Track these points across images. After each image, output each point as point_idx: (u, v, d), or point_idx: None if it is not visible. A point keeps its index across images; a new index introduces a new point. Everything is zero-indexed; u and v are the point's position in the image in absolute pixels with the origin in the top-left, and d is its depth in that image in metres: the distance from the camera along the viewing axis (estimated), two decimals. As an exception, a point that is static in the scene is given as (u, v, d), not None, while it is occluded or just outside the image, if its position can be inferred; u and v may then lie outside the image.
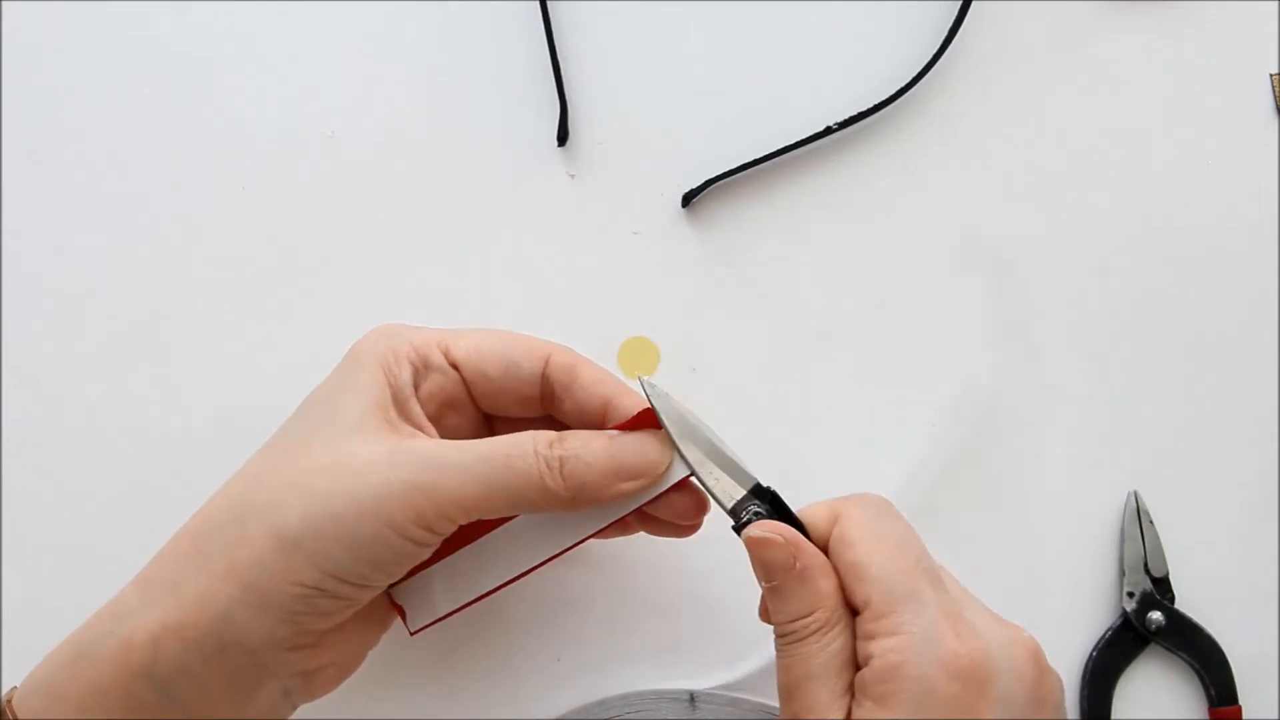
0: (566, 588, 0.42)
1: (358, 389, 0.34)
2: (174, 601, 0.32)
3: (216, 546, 0.32)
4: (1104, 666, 0.42)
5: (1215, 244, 0.45)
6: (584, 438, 0.34)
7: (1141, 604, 0.42)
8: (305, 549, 0.32)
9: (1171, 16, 0.46)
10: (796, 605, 0.33)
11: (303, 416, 0.35)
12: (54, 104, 0.44)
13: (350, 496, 0.32)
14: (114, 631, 0.32)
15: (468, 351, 0.36)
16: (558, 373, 0.36)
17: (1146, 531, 0.42)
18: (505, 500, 0.33)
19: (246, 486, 0.33)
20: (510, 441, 0.33)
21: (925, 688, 0.30)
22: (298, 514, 0.32)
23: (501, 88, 0.45)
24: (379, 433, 0.33)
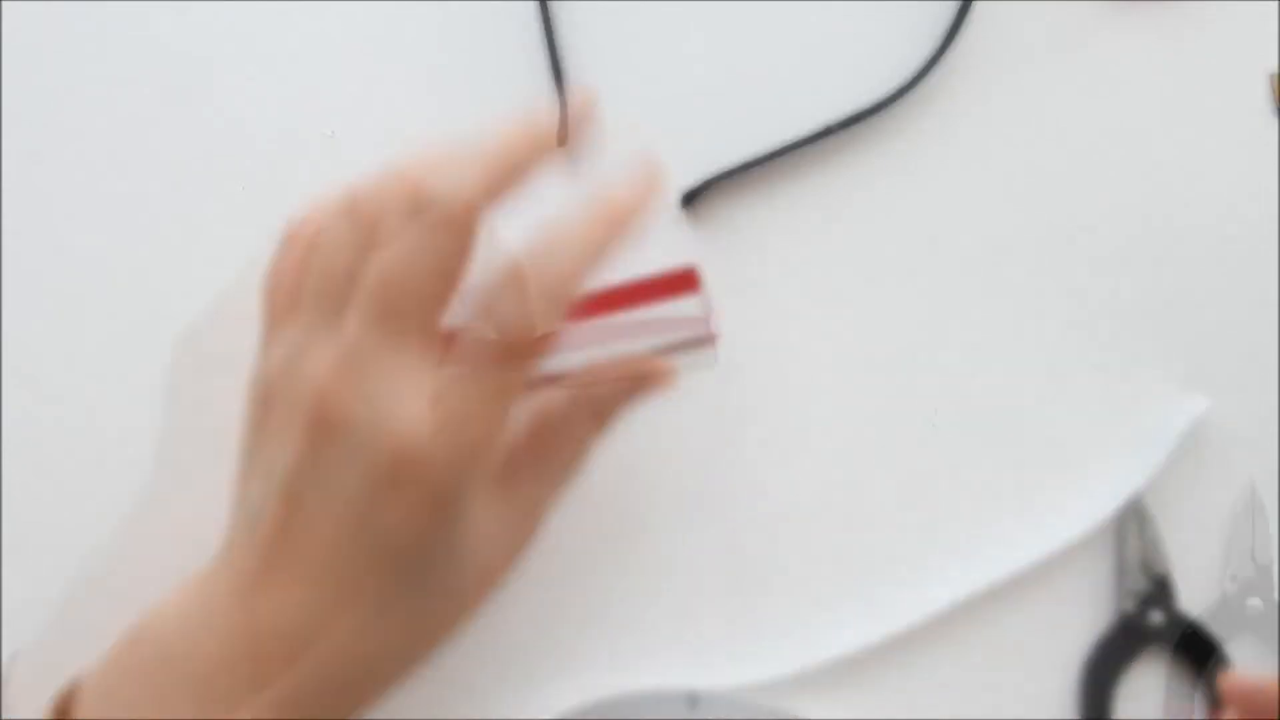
0: (566, 587, 0.42)
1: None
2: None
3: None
4: (1102, 667, 0.42)
5: (1215, 244, 0.45)
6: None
7: (1141, 604, 0.42)
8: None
9: (1171, 16, 0.46)
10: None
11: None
12: (54, 104, 0.44)
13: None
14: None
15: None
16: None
17: (1146, 530, 0.42)
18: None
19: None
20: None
21: None
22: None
23: (501, 88, 0.45)
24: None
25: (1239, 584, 0.42)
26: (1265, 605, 0.42)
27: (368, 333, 0.30)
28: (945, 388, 0.44)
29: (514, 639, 0.42)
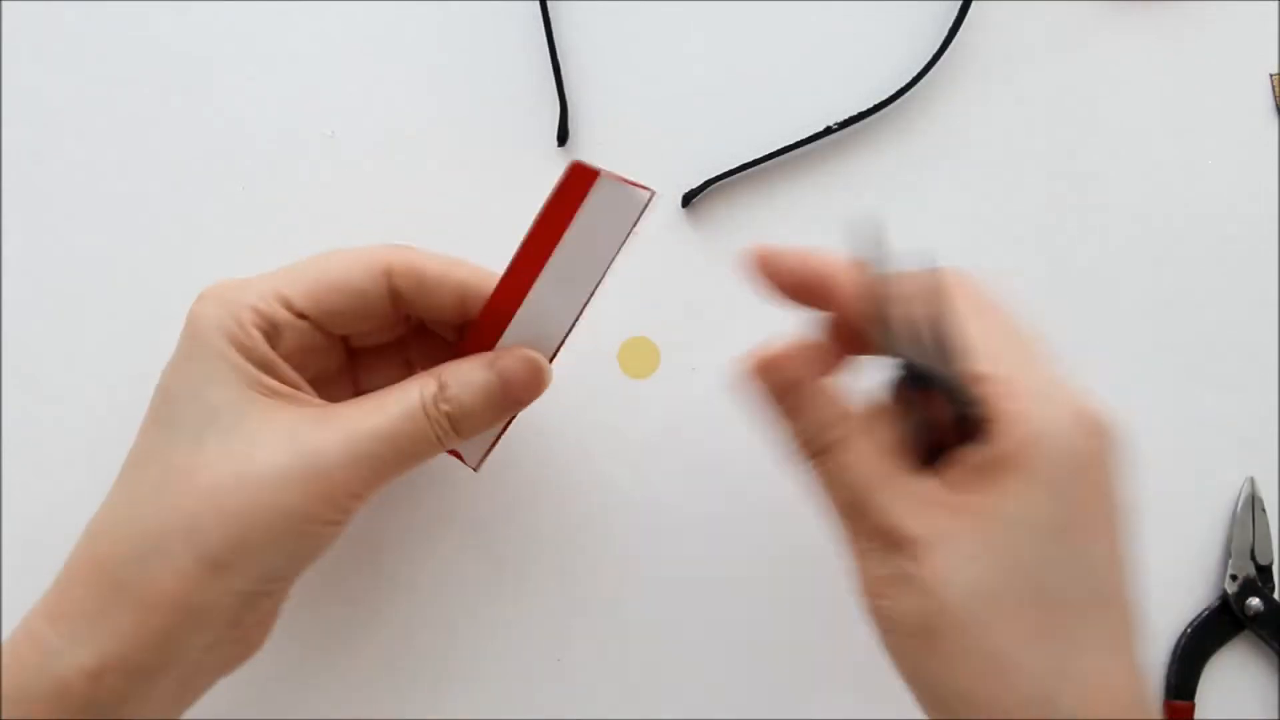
0: (566, 587, 0.42)
1: (220, 376, 0.33)
2: (108, 635, 0.31)
3: (138, 576, 0.32)
4: (1196, 645, 0.42)
5: (1215, 243, 0.45)
6: (463, 378, 0.34)
7: (1242, 589, 0.42)
8: (234, 567, 0.32)
9: (1171, 16, 0.46)
10: (815, 415, 0.32)
11: (172, 416, 0.33)
12: (54, 104, 0.44)
13: (266, 509, 0.32)
14: (45, 672, 0.31)
15: (309, 297, 0.34)
16: (404, 282, 0.35)
17: (1258, 519, 0.43)
18: (414, 462, 0.34)
19: (148, 508, 0.32)
20: (402, 410, 0.33)
21: (1060, 448, 0.29)
22: (219, 537, 0.31)
23: (501, 88, 0.45)
24: (263, 422, 0.33)
25: (1239, 584, 0.42)
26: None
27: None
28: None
29: (514, 639, 0.42)
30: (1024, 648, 0.28)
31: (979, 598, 0.28)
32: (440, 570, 0.42)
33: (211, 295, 0.35)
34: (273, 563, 0.33)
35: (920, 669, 0.30)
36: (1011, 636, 0.28)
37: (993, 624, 0.28)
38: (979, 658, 0.28)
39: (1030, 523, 0.29)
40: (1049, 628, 0.29)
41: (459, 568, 0.42)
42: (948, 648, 0.29)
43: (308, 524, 0.32)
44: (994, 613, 0.28)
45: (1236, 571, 0.43)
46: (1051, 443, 0.29)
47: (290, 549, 0.33)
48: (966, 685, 0.29)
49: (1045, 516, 0.29)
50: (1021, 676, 0.28)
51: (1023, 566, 0.29)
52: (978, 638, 0.28)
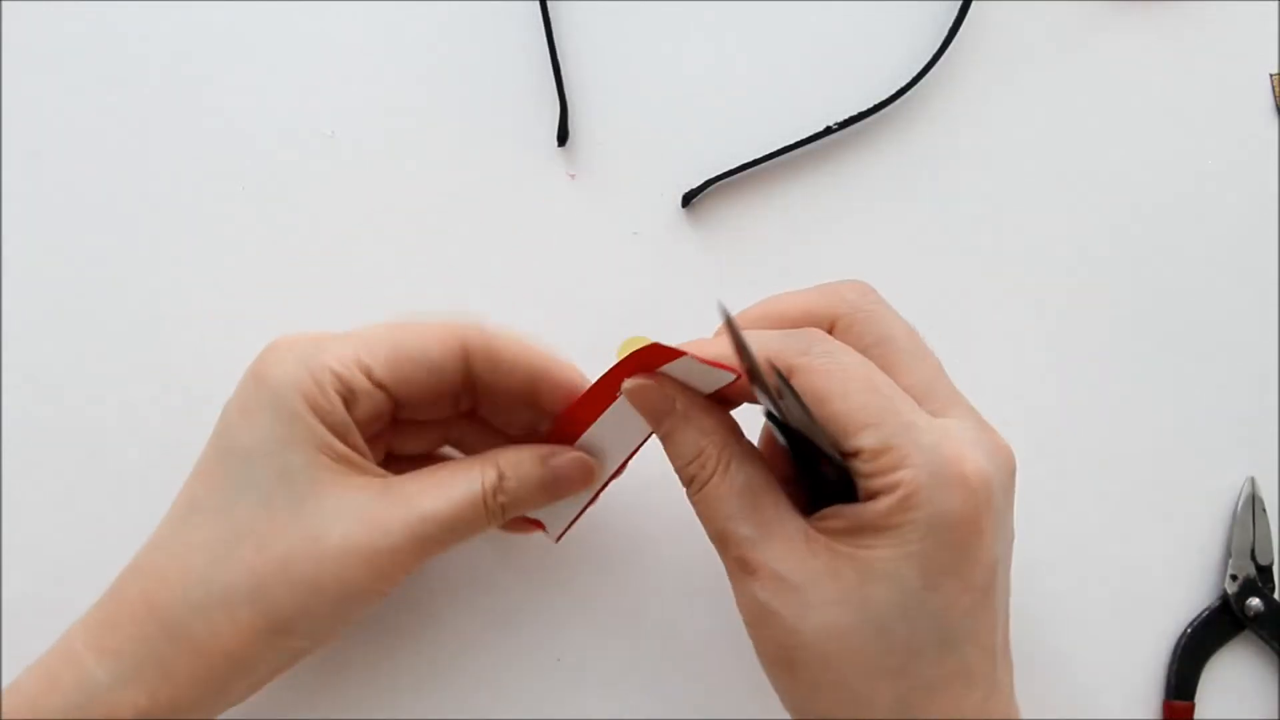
0: (567, 588, 0.42)
1: (296, 440, 0.33)
2: (160, 679, 0.32)
3: (199, 627, 0.33)
4: (1196, 645, 0.42)
5: (1215, 243, 0.45)
6: (519, 470, 0.35)
7: (1243, 589, 0.42)
8: (295, 630, 0.33)
9: (1171, 16, 0.46)
10: (686, 447, 0.33)
11: (242, 473, 0.34)
12: (54, 104, 0.44)
13: (331, 580, 0.33)
14: (86, 706, 0.32)
15: (388, 367, 0.35)
16: (480, 362, 0.36)
17: (1258, 519, 0.43)
18: (456, 543, 0.35)
19: (213, 563, 0.33)
20: (466, 497, 0.34)
21: (936, 514, 0.30)
22: (285, 604, 0.33)
23: (501, 88, 0.45)
24: (335, 494, 0.33)
25: (1240, 584, 0.42)
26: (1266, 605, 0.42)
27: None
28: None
29: (514, 639, 0.42)
30: (874, 685, 0.31)
31: (834, 638, 0.31)
32: (440, 570, 0.42)
33: (287, 349, 0.35)
34: (330, 626, 0.34)
35: (787, 693, 0.33)
36: (862, 674, 0.31)
37: (846, 662, 0.31)
38: (835, 689, 0.31)
39: (890, 581, 0.31)
40: (896, 668, 0.31)
41: (459, 568, 0.42)
42: (808, 678, 0.31)
43: (365, 594, 0.34)
44: (848, 653, 0.31)
45: (1237, 571, 0.43)
46: (921, 513, 0.30)
47: (348, 615, 0.34)
48: (826, 711, 0.32)
49: (905, 577, 0.31)
50: (873, 708, 0.31)
51: (876, 616, 0.31)
52: (833, 672, 0.31)
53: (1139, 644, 0.43)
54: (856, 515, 0.31)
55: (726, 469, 0.33)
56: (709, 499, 0.33)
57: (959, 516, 0.31)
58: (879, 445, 0.31)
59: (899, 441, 0.31)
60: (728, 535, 0.32)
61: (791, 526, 0.32)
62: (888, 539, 0.31)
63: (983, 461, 0.31)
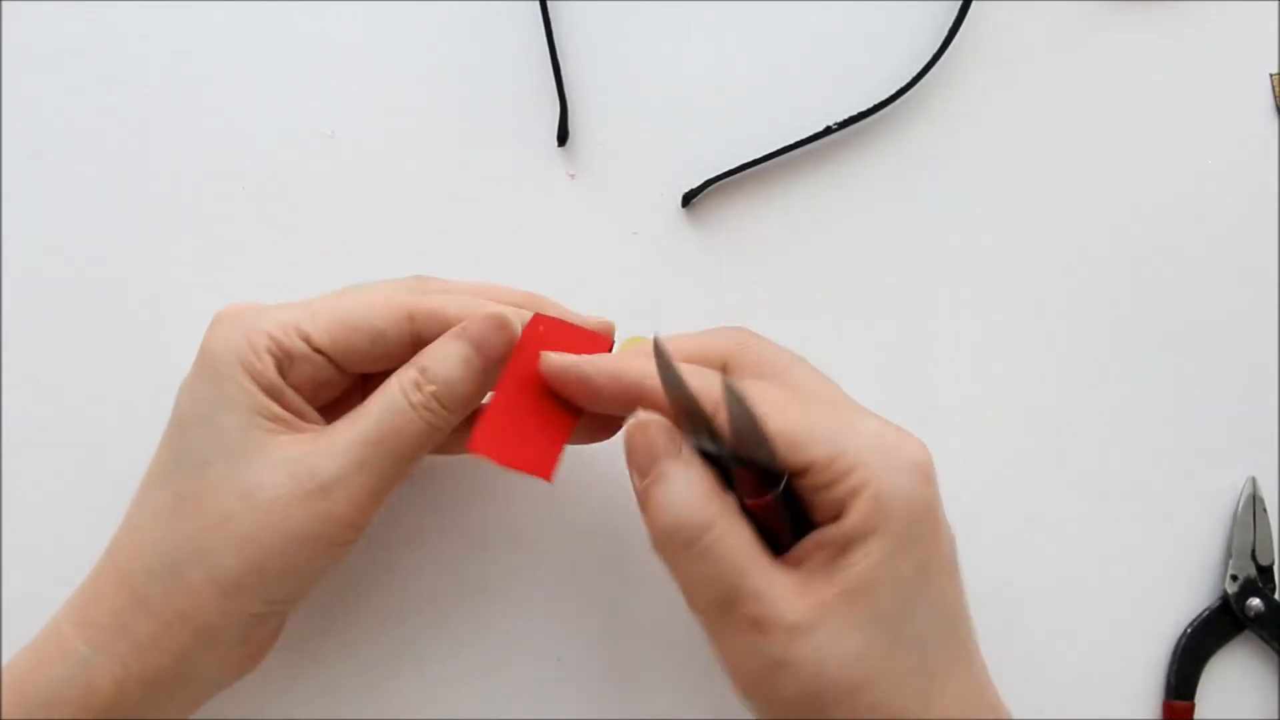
0: (567, 587, 0.42)
1: (228, 403, 0.33)
2: (129, 648, 0.33)
3: (156, 594, 0.33)
4: (1196, 645, 0.42)
5: (1215, 243, 0.45)
6: (437, 354, 0.34)
7: (1243, 589, 0.42)
8: (246, 590, 0.33)
9: (1171, 16, 0.46)
10: (685, 502, 0.32)
11: (184, 442, 0.34)
12: (54, 104, 0.44)
13: (274, 533, 0.33)
14: (70, 679, 0.33)
15: (328, 334, 0.34)
16: (426, 326, 0.35)
17: (1259, 519, 0.43)
18: (412, 459, 0.34)
19: (162, 530, 0.33)
20: (385, 407, 0.33)
21: (907, 503, 0.31)
22: (232, 560, 0.33)
23: (501, 88, 0.45)
24: (267, 449, 0.33)
25: (1240, 584, 0.42)
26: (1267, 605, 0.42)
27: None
28: (943, 380, 0.44)
29: (514, 639, 0.42)
30: (901, 690, 0.31)
31: (860, 664, 0.31)
32: (440, 570, 0.42)
33: (227, 318, 0.35)
34: (284, 584, 0.34)
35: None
36: (890, 685, 0.31)
37: (874, 680, 0.31)
38: (870, 710, 0.31)
39: (888, 581, 0.31)
40: (917, 666, 0.31)
41: (459, 568, 0.42)
42: (835, 712, 0.31)
43: (315, 544, 0.33)
44: (874, 671, 0.31)
45: (1237, 571, 0.43)
46: (893, 504, 0.31)
47: (300, 569, 0.34)
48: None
49: (900, 572, 0.31)
50: (905, 710, 0.31)
51: (890, 623, 0.31)
52: (863, 696, 0.30)
53: (1139, 644, 0.43)
54: (837, 532, 0.31)
55: (729, 522, 0.31)
56: (711, 555, 0.31)
57: (921, 499, 0.31)
58: (830, 454, 0.31)
59: (848, 445, 0.31)
60: (736, 594, 0.31)
61: (788, 577, 0.31)
62: (874, 544, 0.31)
63: (917, 443, 0.32)
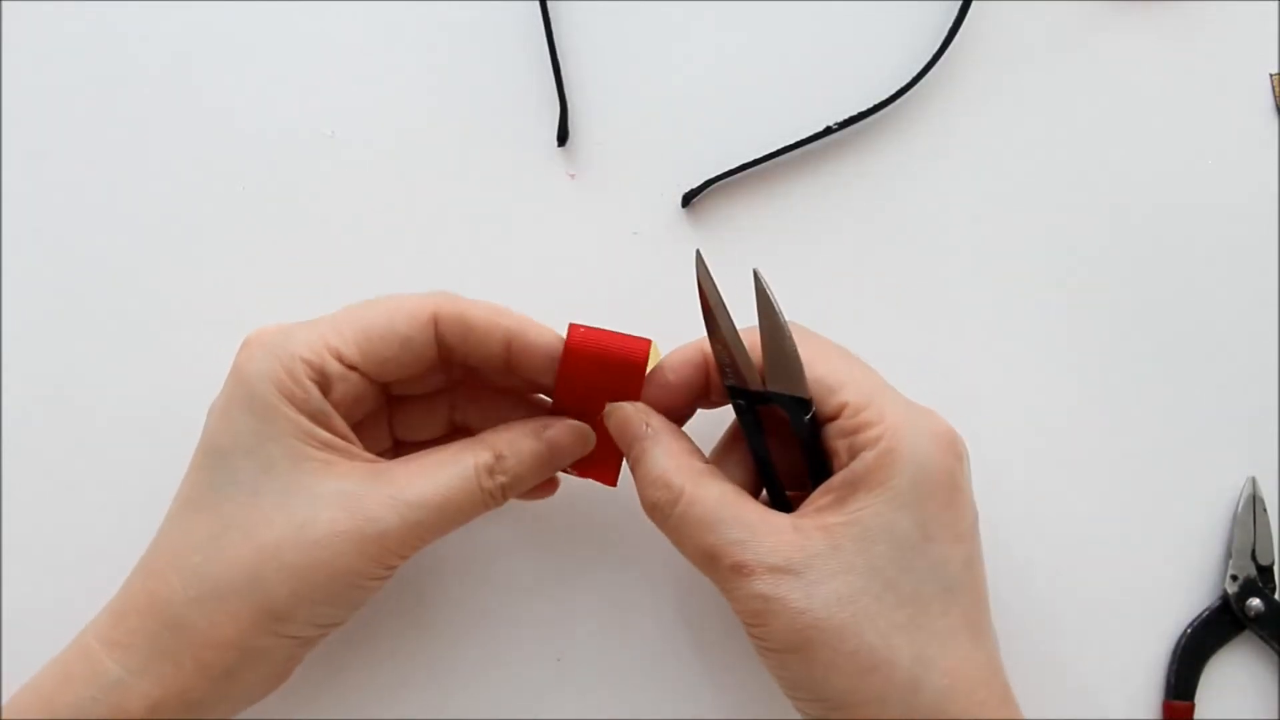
0: (567, 587, 0.42)
1: (274, 431, 0.33)
2: (169, 671, 0.33)
3: (199, 619, 0.33)
4: (1196, 644, 0.42)
5: (1215, 243, 0.45)
6: (516, 447, 0.36)
7: (1243, 589, 0.42)
8: (292, 618, 0.33)
9: (1171, 16, 0.46)
10: (653, 468, 0.34)
11: (226, 469, 0.34)
12: (54, 104, 0.44)
13: (323, 566, 0.33)
14: (100, 699, 0.33)
15: (358, 347, 0.35)
16: (450, 330, 0.35)
17: (1259, 519, 0.43)
18: (455, 527, 0.35)
19: (206, 557, 0.33)
20: (455, 484, 0.34)
21: (920, 465, 0.32)
22: (279, 591, 0.33)
23: (501, 88, 0.45)
24: (319, 480, 0.33)
25: (1240, 584, 0.42)
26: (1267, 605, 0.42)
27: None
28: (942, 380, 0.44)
29: (514, 639, 0.42)
30: (890, 643, 0.31)
31: (848, 606, 0.31)
32: (440, 570, 0.42)
33: (258, 344, 0.35)
34: (327, 613, 0.34)
35: (802, 677, 0.33)
36: (878, 635, 0.31)
37: (861, 627, 0.31)
38: (853, 658, 0.31)
39: (887, 534, 0.32)
40: (909, 623, 0.32)
41: (458, 568, 0.42)
42: (825, 655, 0.32)
43: (361, 579, 0.34)
44: (863, 617, 0.32)
45: (1237, 571, 0.43)
46: (908, 461, 0.32)
47: (345, 601, 0.34)
48: (845, 683, 0.32)
49: (901, 528, 0.32)
50: (893, 668, 0.31)
51: (883, 573, 0.32)
52: (850, 641, 0.31)
53: (1139, 644, 0.43)
54: (843, 479, 0.33)
55: (697, 486, 0.34)
56: (688, 519, 0.33)
57: (940, 466, 0.33)
58: (861, 400, 0.33)
59: (877, 400, 0.33)
60: (716, 547, 0.33)
61: (776, 521, 0.33)
62: (879, 494, 0.32)
63: (946, 422, 0.34)
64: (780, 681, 0.34)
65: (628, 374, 0.36)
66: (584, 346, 0.36)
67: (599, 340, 0.36)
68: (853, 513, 0.32)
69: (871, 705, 0.31)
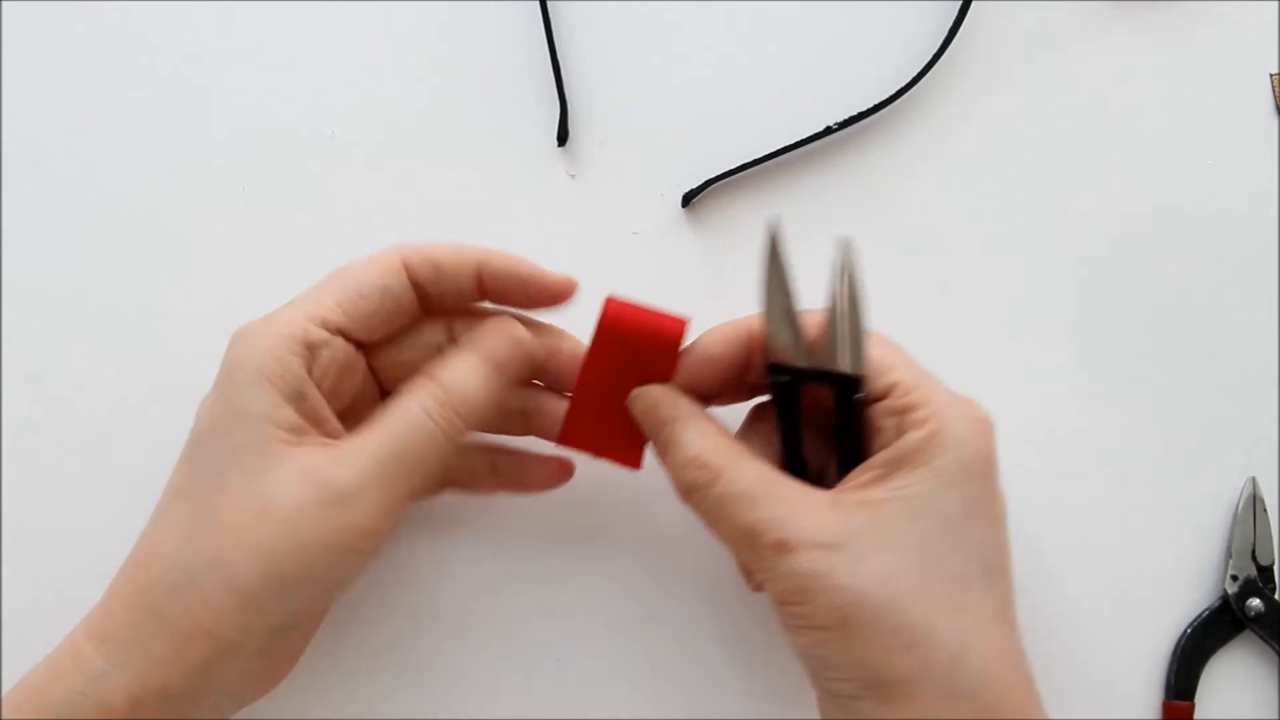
0: (567, 588, 0.42)
1: (245, 416, 0.33)
2: (146, 662, 0.32)
3: (175, 607, 0.32)
4: (1196, 645, 0.42)
5: (1215, 243, 0.45)
6: (456, 373, 0.35)
7: (1243, 589, 0.42)
8: (265, 600, 0.33)
9: (1171, 16, 0.46)
10: (687, 449, 0.34)
11: (204, 456, 0.34)
12: (54, 104, 0.44)
13: (291, 542, 0.32)
14: (87, 693, 0.32)
15: (338, 308, 0.35)
16: (422, 271, 0.36)
17: (1259, 519, 0.43)
18: (429, 471, 0.34)
19: (180, 543, 0.33)
20: (403, 419, 0.34)
21: (964, 447, 0.33)
22: (250, 570, 0.32)
23: (501, 88, 0.45)
24: (284, 459, 0.33)
25: (1240, 584, 0.42)
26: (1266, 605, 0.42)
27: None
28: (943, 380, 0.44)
29: (514, 639, 0.42)
30: (934, 620, 0.31)
31: (891, 582, 0.31)
32: (440, 570, 0.42)
33: (243, 334, 0.35)
34: (303, 594, 0.33)
35: (839, 656, 0.32)
36: (923, 611, 0.31)
37: (906, 603, 0.31)
38: (897, 635, 0.31)
39: (933, 512, 0.32)
40: (953, 601, 0.32)
41: (458, 567, 0.42)
42: (866, 631, 0.31)
43: (335, 553, 0.33)
44: (906, 593, 0.31)
45: (1237, 572, 0.43)
46: (954, 442, 0.33)
47: (321, 579, 0.33)
48: (884, 660, 0.31)
49: (947, 506, 0.32)
50: (934, 645, 0.31)
51: (927, 550, 0.32)
52: (893, 617, 0.31)
53: (1139, 644, 0.43)
54: (888, 457, 0.33)
55: (735, 465, 0.33)
56: (727, 498, 0.33)
57: (980, 451, 0.33)
58: (911, 382, 0.34)
59: (924, 382, 0.34)
60: (757, 525, 0.32)
61: (816, 498, 0.33)
62: (924, 473, 0.32)
63: (984, 410, 0.35)
64: (813, 662, 0.33)
65: (662, 351, 0.36)
66: (620, 320, 0.35)
67: (636, 315, 0.36)
68: (898, 489, 0.32)
69: (909, 684, 0.31)
